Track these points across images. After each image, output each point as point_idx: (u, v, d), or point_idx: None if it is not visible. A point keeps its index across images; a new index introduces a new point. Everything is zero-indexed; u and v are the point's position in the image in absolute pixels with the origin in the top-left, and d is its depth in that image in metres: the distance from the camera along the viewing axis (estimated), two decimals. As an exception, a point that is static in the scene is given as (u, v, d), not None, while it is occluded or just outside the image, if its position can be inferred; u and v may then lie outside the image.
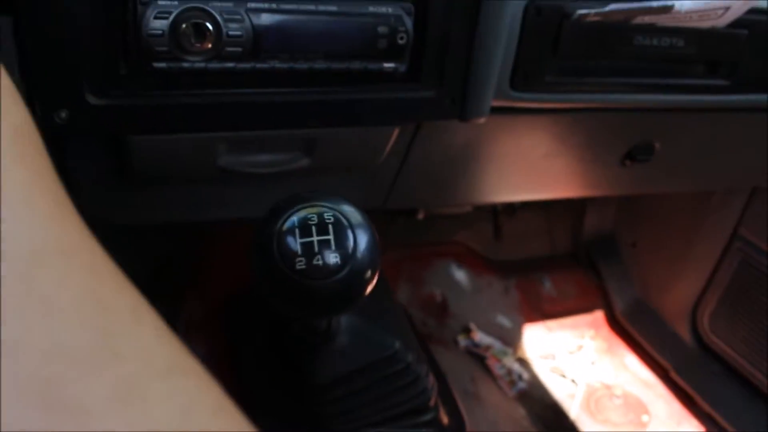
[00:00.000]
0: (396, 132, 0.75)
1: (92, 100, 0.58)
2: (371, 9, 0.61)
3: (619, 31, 0.80)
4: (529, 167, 0.99)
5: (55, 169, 0.26)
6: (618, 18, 0.79)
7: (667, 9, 0.78)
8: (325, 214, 0.52)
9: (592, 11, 0.77)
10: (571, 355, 1.51)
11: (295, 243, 0.51)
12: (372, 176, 0.88)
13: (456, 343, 1.46)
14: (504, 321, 1.55)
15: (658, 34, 0.82)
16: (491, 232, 1.62)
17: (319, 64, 0.61)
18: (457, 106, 0.70)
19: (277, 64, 0.60)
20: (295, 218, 0.52)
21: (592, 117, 0.93)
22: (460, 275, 1.56)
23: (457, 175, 0.96)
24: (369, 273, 0.54)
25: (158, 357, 0.21)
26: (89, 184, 0.73)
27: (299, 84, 0.63)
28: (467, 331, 1.49)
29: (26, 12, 0.54)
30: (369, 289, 0.55)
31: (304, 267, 0.51)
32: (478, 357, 1.45)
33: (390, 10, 0.62)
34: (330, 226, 0.52)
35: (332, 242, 0.51)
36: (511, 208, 1.61)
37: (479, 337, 1.48)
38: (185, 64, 0.57)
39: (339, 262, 0.52)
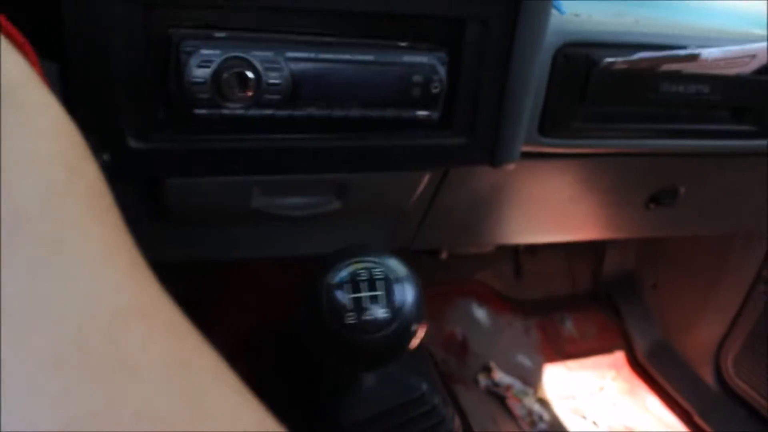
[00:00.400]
0: (427, 177, 0.76)
1: (133, 144, 0.60)
2: (406, 59, 0.63)
3: (646, 78, 0.81)
4: (554, 210, 1.00)
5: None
6: (645, 66, 0.80)
7: (694, 57, 0.80)
8: (375, 270, 0.53)
9: (620, 59, 0.78)
10: (591, 396, 1.51)
11: (345, 298, 0.52)
12: (399, 218, 0.89)
13: (476, 382, 1.46)
14: (524, 360, 1.54)
15: (684, 81, 0.83)
16: (512, 272, 1.62)
17: (355, 112, 0.62)
18: (488, 153, 0.71)
19: (314, 112, 0.61)
20: (345, 273, 0.53)
21: (617, 161, 0.94)
22: (481, 314, 1.56)
23: (482, 217, 0.97)
24: (415, 326, 0.54)
25: (243, 419, 0.22)
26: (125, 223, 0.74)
27: (334, 130, 0.64)
28: (488, 370, 1.49)
29: (72, 58, 0.56)
30: (415, 342, 0.55)
31: (354, 322, 0.52)
32: (498, 397, 1.44)
33: (425, 59, 0.63)
34: (379, 282, 0.53)
35: (382, 298, 0.52)
36: (533, 248, 1.61)
37: (499, 376, 1.47)
38: (225, 111, 0.58)
39: (388, 317, 0.52)
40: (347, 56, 0.61)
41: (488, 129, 0.70)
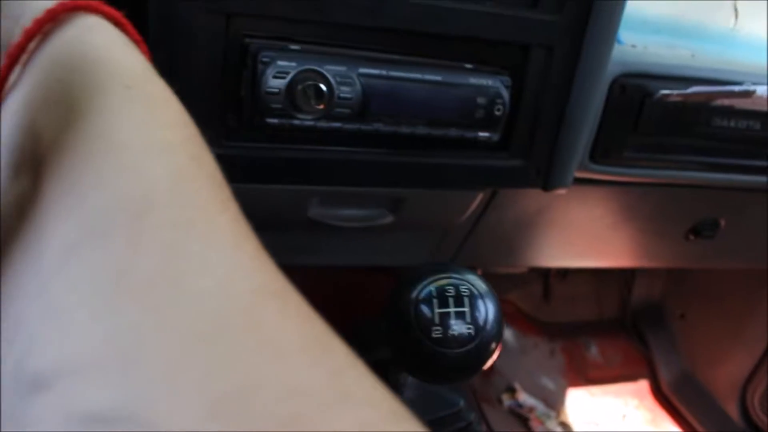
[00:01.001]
0: (480, 196, 0.77)
1: (203, 149, 0.61)
2: (472, 80, 0.64)
3: (698, 112, 0.82)
4: (595, 236, 1.01)
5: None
6: (698, 99, 0.81)
7: (748, 94, 0.80)
8: (461, 287, 0.54)
9: (675, 92, 0.79)
10: (614, 423, 1.50)
11: (432, 312, 0.53)
12: (443, 235, 0.91)
13: (500, 401, 1.46)
14: (548, 383, 1.55)
15: (735, 116, 0.84)
16: (541, 294, 1.63)
17: (421, 130, 0.64)
18: (542, 177, 0.73)
19: (381, 127, 0.62)
20: (432, 288, 0.54)
21: (660, 190, 0.94)
22: (508, 334, 1.57)
23: (525, 239, 0.98)
24: (494, 344, 0.56)
25: (384, 403, 0.21)
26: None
27: (397, 146, 0.66)
28: (512, 390, 1.49)
29: (154, 63, 0.58)
30: (492, 360, 0.57)
31: (440, 336, 0.53)
32: (521, 417, 1.44)
33: (490, 82, 0.65)
34: (465, 299, 0.54)
35: (467, 314, 0.54)
36: (563, 271, 1.62)
37: (523, 397, 1.48)
38: (296, 122, 0.60)
39: (472, 333, 0.54)
40: (417, 75, 0.62)
41: (544, 153, 0.71)
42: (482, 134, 0.66)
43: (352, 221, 0.75)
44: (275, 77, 0.58)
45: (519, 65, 0.67)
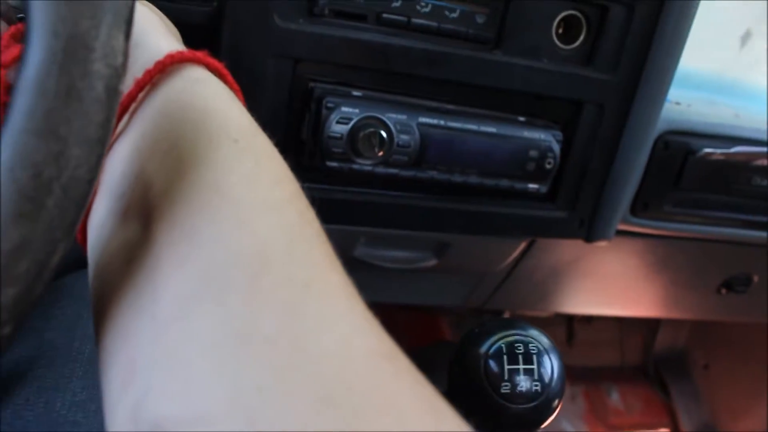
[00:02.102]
0: (523, 244, 0.79)
1: (262, 187, 0.63)
2: (526, 134, 0.66)
3: (739, 170, 0.84)
4: (627, 286, 1.02)
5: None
6: (740, 159, 0.82)
7: (790, 156, 0.82)
8: (530, 345, 0.56)
9: (718, 151, 0.80)
10: (633, 471, 1.50)
11: (501, 368, 0.55)
12: (480, 279, 0.92)
13: (520, 443, 1.46)
14: (568, 427, 1.54)
15: (775, 176, 0.85)
16: (564, 337, 1.63)
17: (473, 179, 0.65)
18: (586, 228, 0.74)
19: (436, 175, 0.64)
20: (502, 345, 0.56)
21: (695, 245, 0.95)
22: (530, 376, 1.57)
23: (558, 286, 0.99)
24: (557, 401, 0.57)
25: None
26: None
27: (448, 193, 0.68)
28: (532, 433, 1.49)
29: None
30: (554, 416, 0.58)
31: (507, 392, 0.54)
32: (540, 461, 1.44)
33: (542, 136, 0.66)
34: (534, 357, 0.55)
35: (535, 371, 0.55)
36: (588, 316, 1.62)
37: (543, 440, 1.47)
38: (355, 166, 0.62)
39: (538, 389, 0.55)
40: (473, 126, 0.64)
41: (589, 206, 0.73)
42: (532, 186, 0.68)
43: (397, 263, 0.77)
44: (338, 122, 0.60)
45: (570, 120, 0.69)
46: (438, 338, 1.42)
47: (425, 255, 0.77)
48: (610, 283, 1.02)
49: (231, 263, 0.25)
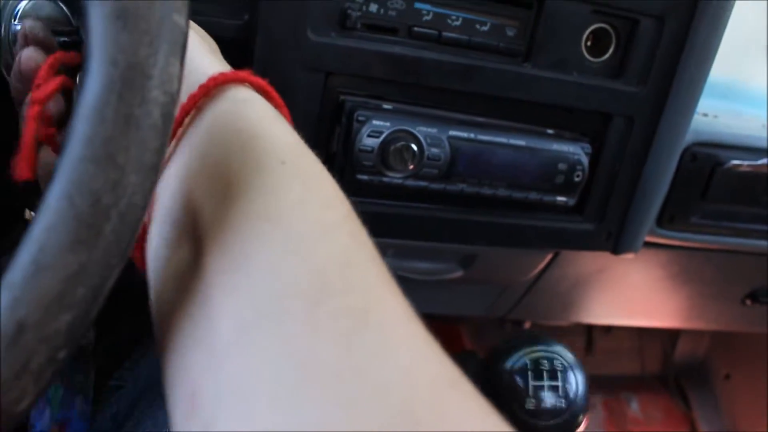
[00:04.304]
0: (549, 256, 0.78)
1: (291, 199, 0.64)
2: (555, 147, 0.66)
3: (767, 182, 0.83)
4: (651, 297, 1.02)
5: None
6: (768, 170, 0.82)
7: (819, 168, 0.81)
8: (555, 361, 0.56)
9: (746, 163, 0.80)
10: (653, 481, 1.49)
11: (526, 383, 0.55)
12: (503, 290, 0.92)
13: (539, 453, 1.45)
14: (588, 437, 1.54)
15: (802, 188, 0.85)
16: (584, 346, 1.62)
17: (502, 192, 0.65)
18: (613, 240, 0.74)
19: (466, 188, 0.64)
20: (526, 360, 0.56)
21: (721, 256, 0.95)
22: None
23: (581, 297, 0.99)
24: (581, 417, 0.57)
25: None
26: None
27: (477, 205, 0.68)
28: (551, 442, 1.48)
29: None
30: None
31: (533, 408, 0.54)
32: (560, 470, 1.43)
33: (571, 149, 0.66)
34: (560, 374, 0.56)
35: (560, 388, 0.55)
36: (608, 326, 1.61)
37: (563, 450, 1.47)
38: (385, 179, 0.62)
39: (563, 406, 0.55)
40: (502, 139, 0.64)
41: (617, 218, 0.73)
42: (560, 198, 0.68)
43: (425, 274, 0.77)
44: (369, 136, 0.60)
45: (599, 133, 0.69)
46: (459, 347, 1.42)
47: (452, 266, 0.77)
48: (634, 294, 1.02)
49: (286, 293, 0.25)
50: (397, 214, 0.66)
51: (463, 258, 0.77)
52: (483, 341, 1.44)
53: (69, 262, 0.25)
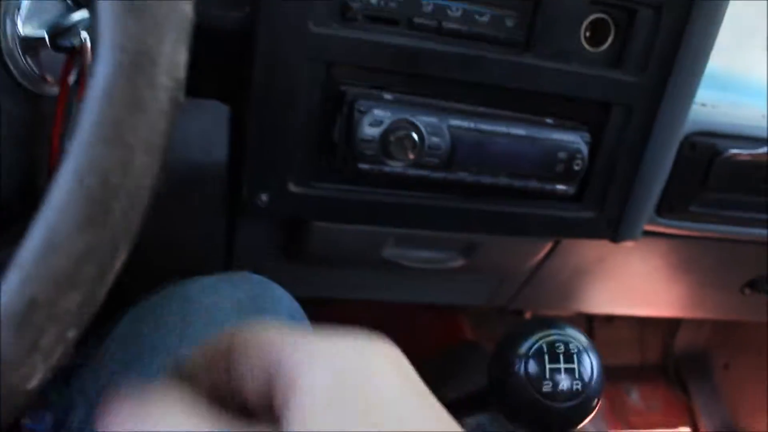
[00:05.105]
0: (549, 244, 0.79)
1: (294, 188, 0.64)
2: (555, 136, 0.66)
3: (766, 171, 0.84)
4: (650, 286, 1.02)
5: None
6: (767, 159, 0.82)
7: (817, 157, 0.82)
8: (570, 344, 0.57)
9: (745, 152, 0.81)
10: (654, 471, 1.50)
11: (543, 367, 0.56)
12: (501, 279, 0.93)
13: (540, 442, 1.46)
14: (588, 427, 1.54)
15: (801, 176, 0.85)
16: (584, 336, 1.63)
17: (503, 180, 0.66)
18: (612, 229, 0.74)
19: (466, 177, 0.65)
20: (543, 344, 0.56)
21: (720, 245, 0.95)
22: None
23: (581, 286, 0.99)
24: (596, 400, 0.58)
25: None
26: (253, 261, 0.79)
27: (477, 194, 0.68)
28: (552, 432, 1.49)
29: (255, 106, 0.61)
30: (593, 414, 0.58)
31: (549, 390, 0.55)
32: (560, 460, 1.44)
33: (571, 138, 0.67)
34: (575, 356, 0.56)
35: (576, 371, 0.56)
36: (608, 316, 1.62)
37: (563, 439, 1.47)
38: (386, 169, 0.62)
39: (579, 389, 0.56)
40: (503, 129, 0.64)
41: (616, 206, 0.73)
42: (560, 187, 0.68)
43: (425, 263, 0.77)
44: (370, 125, 0.61)
45: (598, 122, 0.69)
46: (459, 337, 1.43)
47: (453, 255, 0.78)
48: (634, 283, 1.02)
49: None
50: (399, 203, 0.67)
51: (465, 247, 0.77)
52: (484, 331, 1.45)
53: (79, 241, 0.26)
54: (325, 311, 1.32)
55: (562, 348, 0.56)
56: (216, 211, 0.73)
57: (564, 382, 0.56)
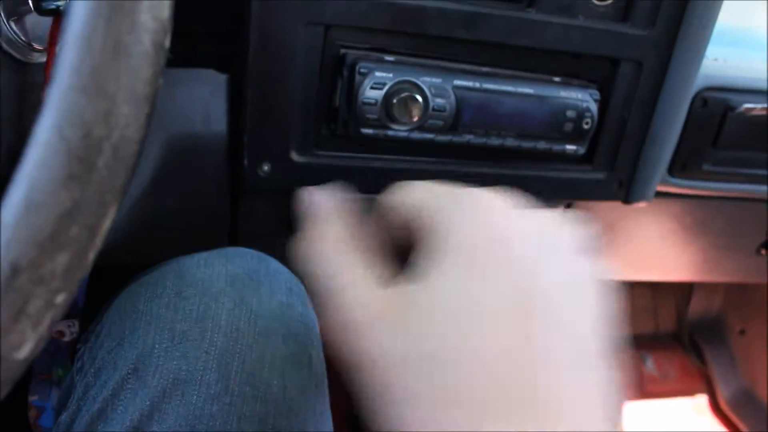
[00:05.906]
0: (561, 208, 0.77)
1: (296, 157, 0.63)
2: (563, 94, 0.64)
3: (780, 126, 0.82)
4: (665, 249, 1.00)
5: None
6: (781, 114, 0.80)
7: (833, 109, 0.79)
8: None
9: (758, 106, 0.78)
10: (671, 438, 1.49)
11: None
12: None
13: (555, 413, 1.45)
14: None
15: (817, 131, 0.83)
16: (597, 305, 1.62)
17: (510, 142, 0.64)
18: (624, 190, 0.72)
19: (473, 139, 0.63)
20: None
21: (735, 204, 0.94)
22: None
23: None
24: None
25: None
26: (257, 238, 0.77)
27: (485, 157, 0.66)
28: (567, 402, 1.48)
29: (252, 73, 0.59)
30: None
31: None
32: (577, 430, 1.43)
33: (579, 96, 0.65)
34: None
35: None
36: (621, 284, 1.60)
37: (579, 410, 1.46)
38: (390, 133, 0.61)
39: None
40: (509, 88, 0.62)
41: (628, 166, 0.71)
42: (569, 147, 0.67)
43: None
44: (372, 88, 0.59)
45: (607, 79, 0.67)
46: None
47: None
48: (647, 247, 1.00)
49: None
50: (404, 169, 0.65)
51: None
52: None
53: (62, 198, 0.24)
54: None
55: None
56: (219, 186, 0.72)
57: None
